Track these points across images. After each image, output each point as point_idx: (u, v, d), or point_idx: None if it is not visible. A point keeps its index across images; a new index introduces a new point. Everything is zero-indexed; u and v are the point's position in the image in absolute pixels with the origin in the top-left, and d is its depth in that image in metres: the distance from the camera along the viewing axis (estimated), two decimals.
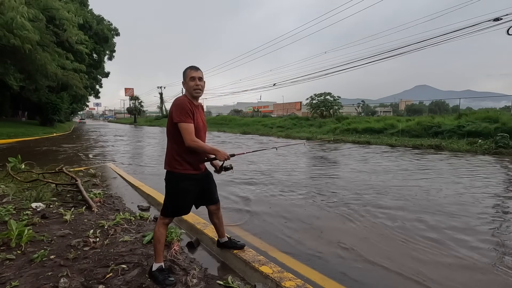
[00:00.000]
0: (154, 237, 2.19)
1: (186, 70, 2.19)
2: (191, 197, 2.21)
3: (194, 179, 2.18)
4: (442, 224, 3.52)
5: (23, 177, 4.96)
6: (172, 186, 2.17)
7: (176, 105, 2.07)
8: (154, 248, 2.19)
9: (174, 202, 2.18)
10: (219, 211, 2.49)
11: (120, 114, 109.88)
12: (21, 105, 33.66)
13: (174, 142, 2.13)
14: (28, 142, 14.58)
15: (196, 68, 2.19)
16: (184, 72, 2.19)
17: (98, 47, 30.01)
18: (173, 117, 2.06)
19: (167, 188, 2.19)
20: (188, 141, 2.03)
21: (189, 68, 2.20)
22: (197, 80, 2.15)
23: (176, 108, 2.06)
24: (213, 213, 2.47)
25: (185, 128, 2.03)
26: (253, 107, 62.05)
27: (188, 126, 2.03)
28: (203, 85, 2.20)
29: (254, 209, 4.13)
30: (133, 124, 53.80)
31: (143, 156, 10.36)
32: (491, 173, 6.91)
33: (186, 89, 2.18)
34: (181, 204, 2.19)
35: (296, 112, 40.49)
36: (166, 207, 2.19)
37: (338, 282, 2.27)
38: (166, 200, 2.20)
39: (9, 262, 2.33)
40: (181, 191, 2.15)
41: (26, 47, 13.80)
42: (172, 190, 2.17)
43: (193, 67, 2.19)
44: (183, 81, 2.19)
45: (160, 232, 2.17)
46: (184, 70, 2.21)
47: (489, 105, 39.78)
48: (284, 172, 6.95)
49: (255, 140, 17.37)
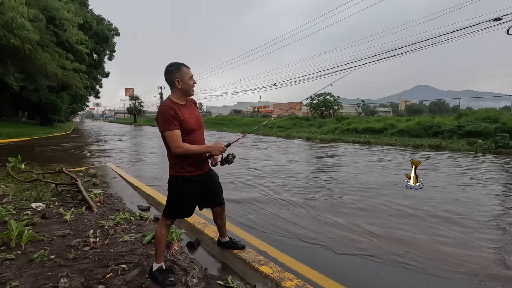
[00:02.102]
0: (155, 238, 2.18)
1: (182, 67, 2.07)
2: (193, 199, 2.19)
3: (196, 181, 2.15)
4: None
5: (23, 177, 4.96)
6: (174, 188, 2.15)
7: (160, 114, 2.02)
8: (155, 248, 2.18)
9: (176, 204, 2.16)
10: (224, 213, 2.48)
11: (120, 114, 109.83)
12: (21, 105, 33.66)
13: (169, 148, 2.09)
14: (24, 142, 14.59)
15: (188, 66, 2.12)
16: (179, 69, 2.06)
17: (98, 47, 30.01)
18: (159, 127, 2.04)
19: (169, 190, 2.18)
20: (173, 148, 1.99)
21: (184, 66, 2.09)
22: (193, 79, 2.13)
23: (160, 117, 2.02)
24: (218, 214, 2.46)
25: (169, 136, 1.99)
26: (253, 107, 62.07)
27: (172, 133, 1.98)
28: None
29: (254, 209, 4.13)
30: (133, 124, 53.78)
31: (143, 156, 10.35)
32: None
33: (182, 87, 2.06)
34: (183, 206, 2.18)
35: (296, 112, 40.49)
36: (168, 209, 2.18)
37: (338, 282, 2.26)
38: (168, 202, 2.18)
39: (9, 262, 2.33)
40: (183, 193, 2.13)
41: (26, 47, 13.81)
42: (174, 192, 2.15)
43: (187, 65, 2.11)
44: (178, 79, 2.04)
45: (161, 233, 2.16)
46: (175, 67, 2.07)
47: (489, 105, 39.79)
48: (284, 172, 6.95)
49: (255, 139, 17.36)
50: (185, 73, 2.07)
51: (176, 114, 2.00)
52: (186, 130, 2.05)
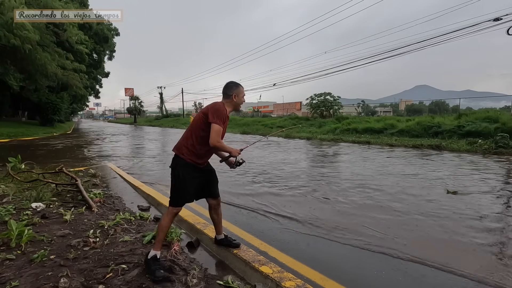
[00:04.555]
0: (159, 225, 2.37)
1: (240, 87, 2.48)
2: (196, 184, 2.38)
3: (198, 169, 2.39)
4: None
5: (23, 177, 4.96)
6: (178, 173, 2.34)
7: (215, 109, 2.32)
8: (156, 235, 2.34)
9: (180, 189, 2.33)
10: (219, 207, 2.63)
11: (120, 114, 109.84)
12: (21, 105, 33.65)
13: (195, 134, 2.35)
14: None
15: (243, 87, 2.52)
16: (237, 87, 2.46)
17: (98, 47, 30.03)
18: (209, 117, 2.28)
19: (173, 174, 2.37)
20: (214, 140, 2.24)
21: (241, 86, 2.50)
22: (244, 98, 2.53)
23: (214, 110, 2.30)
24: (213, 208, 2.60)
25: (216, 129, 2.25)
26: (253, 107, 62.02)
27: (219, 128, 2.27)
28: None
29: (254, 209, 4.13)
30: (133, 124, 53.77)
31: (144, 156, 10.35)
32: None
33: (236, 101, 2.46)
34: (186, 190, 2.34)
35: (296, 112, 40.49)
36: (174, 196, 2.35)
37: (339, 282, 2.27)
38: (173, 189, 2.35)
39: (9, 262, 2.32)
40: (186, 176, 2.32)
41: (26, 47, 13.81)
42: (178, 176, 2.34)
43: (242, 86, 2.51)
44: (235, 94, 2.44)
45: (165, 222, 2.33)
46: (235, 84, 2.48)
47: (489, 105, 39.79)
48: (283, 172, 6.95)
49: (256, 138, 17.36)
50: (241, 91, 2.49)
51: (226, 116, 2.37)
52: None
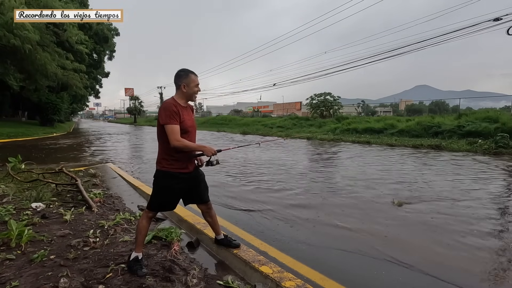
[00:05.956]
0: (137, 228, 2.32)
1: (190, 74, 2.26)
2: (176, 194, 2.32)
3: (180, 178, 2.26)
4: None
5: (23, 177, 4.96)
6: (158, 182, 2.29)
7: (162, 108, 2.19)
8: (136, 238, 2.31)
9: (158, 198, 2.30)
10: (211, 210, 2.60)
11: (120, 114, 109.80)
12: (21, 105, 33.66)
13: (163, 142, 2.23)
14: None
15: (196, 74, 2.31)
16: (187, 76, 2.25)
17: (98, 47, 30.02)
18: (160, 120, 2.17)
19: (154, 184, 2.32)
20: (173, 141, 2.12)
21: (193, 73, 2.28)
22: (199, 87, 2.30)
23: (161, 111, 2.18)
24: (205, 212, 2.59)
25: (170, 129, 2.13)
26: (253, 107, 62.03)
27: (173, 127, 2.13)
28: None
29: (254, 208, 4.13)
30: (133, 124, 53.76)
31: (144, 156, 10.35)
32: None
33: (186, 91, 2.25)
34: (165, 200, 2.31)
35: (296, 112, 40.49)
36: (151, 202, 2.33)
37: (339, 282, 2.26)
38: (152, 195, 2.33)
39: (9, 262, 2.32)
40: (165, 187, 2.26)
41: (26, 47, 13.82)
42: (157, 186, 2.29)
43: (195, 73, 2.30)
44: (184, 84, 2.23)
45: (142, 224, 2.30)
46: (185, 72, 2.26)
47: (489, 105, 39.80)
48: (283, 171, 6.95)
49: (256, 139, 17.38)
50: (192, 80, 2.26)
51: (178, 111, 2.17)
52: (183, 130, 2.20)
